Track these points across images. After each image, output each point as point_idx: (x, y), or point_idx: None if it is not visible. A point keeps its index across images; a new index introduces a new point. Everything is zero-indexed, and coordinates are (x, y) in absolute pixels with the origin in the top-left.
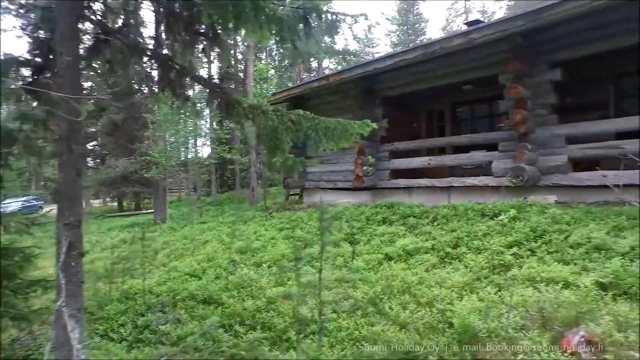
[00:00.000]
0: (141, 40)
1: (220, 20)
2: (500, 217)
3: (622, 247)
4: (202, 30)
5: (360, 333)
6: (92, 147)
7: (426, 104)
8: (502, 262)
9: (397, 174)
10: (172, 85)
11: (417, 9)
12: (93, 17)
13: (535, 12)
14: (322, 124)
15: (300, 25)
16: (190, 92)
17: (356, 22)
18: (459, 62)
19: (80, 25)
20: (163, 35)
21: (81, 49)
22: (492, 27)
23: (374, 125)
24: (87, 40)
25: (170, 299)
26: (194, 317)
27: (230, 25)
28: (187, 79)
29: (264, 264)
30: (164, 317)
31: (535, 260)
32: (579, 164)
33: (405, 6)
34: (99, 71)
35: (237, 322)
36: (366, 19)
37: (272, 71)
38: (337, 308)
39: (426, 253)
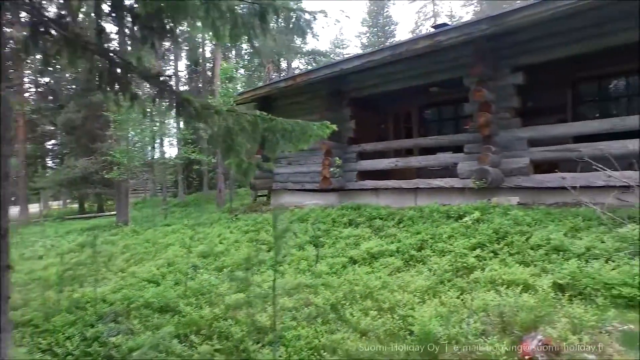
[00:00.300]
0: (82, 33)
1: (170, 14)
2: (464, 219)
3: (578, 248)
4: (153, 25)
5: (319, 342)
6: (50, 146)
7: (394, 106)
8: (465, 264)
9: (365, 175)
10: (119, 83)
11: (387, 11)
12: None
13: (498, 17)
14: (279, 126)
15: (257, 21)
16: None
17: (315, 18)
18: (425, 65)
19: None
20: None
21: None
22: (457, 30)
23: (334, 126)
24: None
25: (124, 307)
26: (148, 327)
27: (181, 19)
28: (134, 76)
29: (225, 269)
30: (116, 328)
31: (498, 262)
32: (539, 166)
33: (376, 8)
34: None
35: (193, 332)
36: (325, 16)
37: (242, 70)
38: (297, 315)
39: (391, 256)
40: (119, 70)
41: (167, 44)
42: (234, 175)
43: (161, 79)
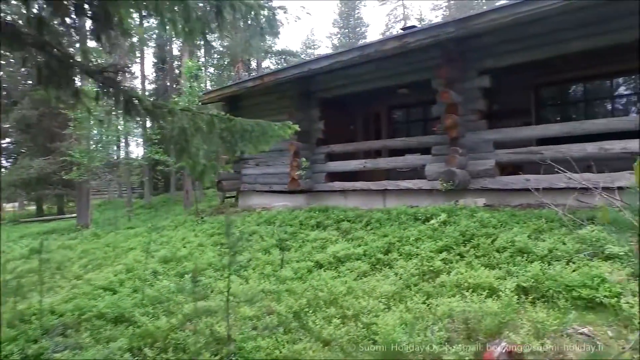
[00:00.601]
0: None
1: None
2: (431, 222)
3: (541, 250)
4: (92, 14)
5: (280, 352)
6: (6, 145)
7: (363, 107)
8: (431, 268)
9: (334, 176)
10: (59, 78)
11: (358, 13)
12: None
13: (464, 20)
14: (238, 126)
15: (212, 16)
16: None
17: (274, 14)
18: (394, 66)
19: None
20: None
21: None
22: (424, 32)
23: (296, 126)
24: None
25: (74, 319)
26: (99, 341)
27: (127, 8)
28: (75, 71)
29: (187, 275)
30: (63, 343)
31: (464, 265)
32: (505, 169)
33: (347, 9)
34: None
35: (147, 344)
36: (285, 12)
37: (212, 69)
38: (258, 324)
39: (358, 260)
40: (54, 64)
41: (133, 40)
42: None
43: (105, 74)
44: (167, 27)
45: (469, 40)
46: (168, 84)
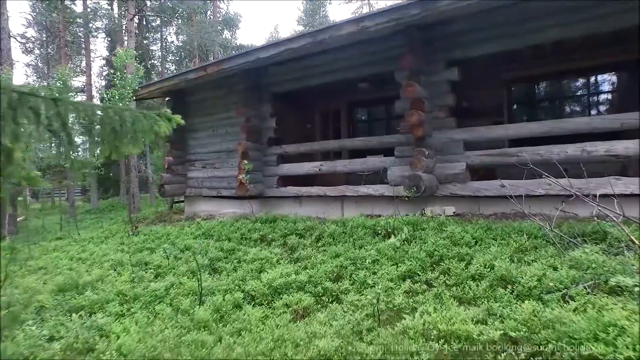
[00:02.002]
0: None
1: None
2: (392, 240)
3: (529, 280)
4: None
5: None
6: None
7: (321, 103)
8: (391, 305)
9: (288, 180)
10: None
11: (324, 10)
12: None
13: (430, 1)
14: (81, 111)
15: None
16: None
17: None
18: (353, 56)
19: None
20: None
21: None
22: (385, 14)
23: (179, 118)
24: None
25: None
26: None
27: None
28: None
29: (83, 311)
30: None
31: (432, 299)
32: (476, 172)
33: (312, 7)
34: None
35: None
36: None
37: (172, 66)
38: None
39: (300, 290)
40: None
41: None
42: (152, 178)
43: None
44: None
45: (436, 28)
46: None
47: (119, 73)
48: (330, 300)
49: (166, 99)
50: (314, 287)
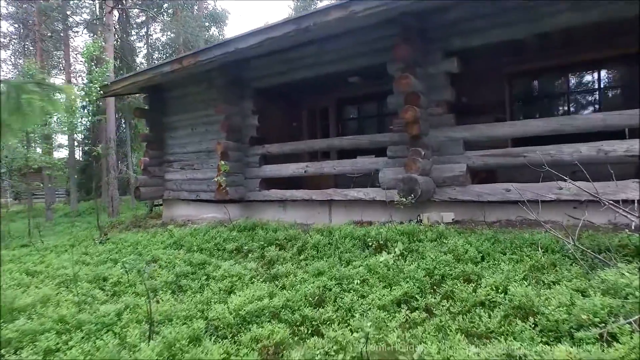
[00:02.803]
0: None
1: None
2: (384, 257)
3: (554, 310)
4: None
5: None
6: None
7: (308, 100)
8: (384, 343)
9: (271, 183)
10: None
11: (314, 8)
12: None
13: None
14: None
15: None
16: None
17: None
18: (342, 47)
19: None
20: None
21: None
22: None
23: (72, 89)
24: None
25: None
26: None
27: None
28: None
29: (9, 346)
30: None
31: (434, 332)
32: (477, 175)
33: (303, 4)
34: None
35: None
36: None
37: (155, 63)
38: None
39: (273, 318)
40: None
41: None
42: (133, 179)
43: None
44: None
45: (433, 15)
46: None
47: (86, 65)
48: (309, 332)
49: (144, 96)
50: (291, 313)
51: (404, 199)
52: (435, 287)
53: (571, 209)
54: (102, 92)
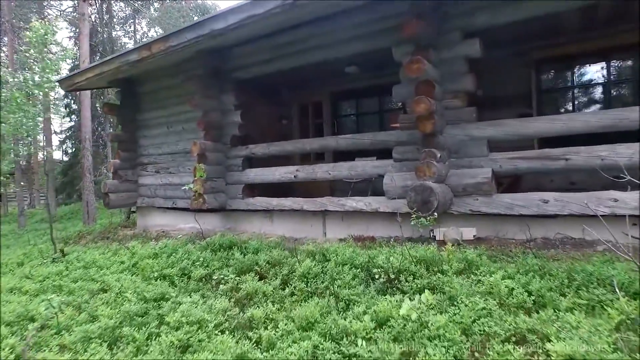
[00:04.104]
0: None
1: None
2: (404, 309)
3: None
4: None
5: None
6: None
7: (299, 93)
8: None
9: (258, 190)
10: None
11: None
12: None
13: None
14: None
15: None
16: None
17: None
18: (336, 29)
19: None
20: None
21: None
22: None
23: None
24: None
25: None
26: None
27: None
28: None
29: None
30: None
31: None
32: (501, 182)
33: None
34: None
35: None
36: None
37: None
38: None
39: None
40: None
41: None
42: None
43: None
44: None
45: None
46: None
47: (32, 51)
48: None
49: (116, 90)
50: None
51: (416, 214)
52: (477, 353)
53: (629, 226)
54: (61, 85)
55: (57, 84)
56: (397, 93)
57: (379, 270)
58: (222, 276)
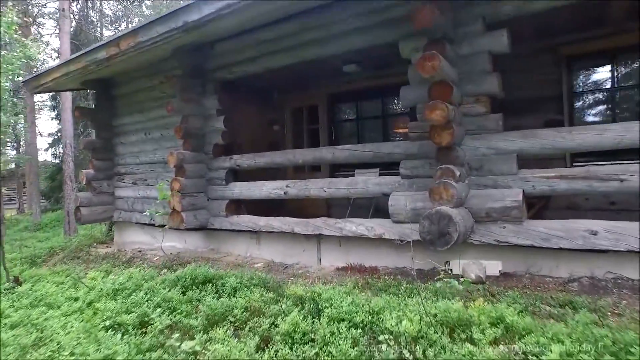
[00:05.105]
0: None
1: None
2: None
3: None
4: None
5: None
6: None
7: (293, 96)
8: None
9: (243, 205)
10: None
11: None
12: None
13: None
14: None
15: None
16: None
17: None
18: (332, 21)
19: None
20: None
21: None
22: None
23: None
24: None
25: None
26: None
27: None
28: None
29: None
30: None
31: None
32: (531, 206)
33: None
34: None
35: None
36: None
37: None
38: None
39: None
40: None
41: None
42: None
43: None
44: None
45: None
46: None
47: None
48: None
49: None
50: None
51: (432, 247)
52: None
53: None
54: (27, 87)
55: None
56: (406, 96)
57: (387, 336)
58: (188, 326)
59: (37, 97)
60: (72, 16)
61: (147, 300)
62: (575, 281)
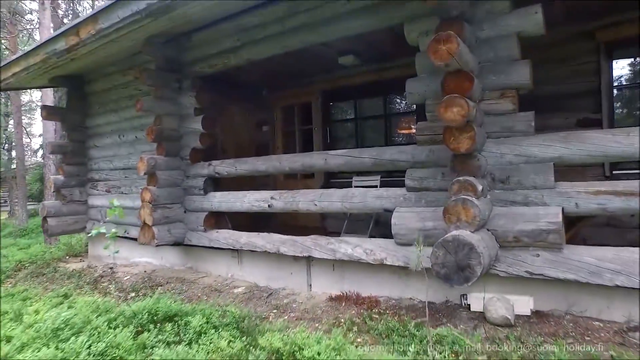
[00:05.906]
0: None
1: None
2: None
3: None
4: None
5: None
6: None
7: (283, 93)
8: None
9: (224, 218)
10: None
11: None
12: None
13: None
14: None
15: None
16: None
17: None
18: (324, 1)
19: None
20: None
21: None
22: None
23: None
24: None
25: None
26: None
27: None
28: None
29: None
30: None
31: None
32: (569, 224)
33: None
34: None
35: None
36: None
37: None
38: None
39: None
40: None
41: None
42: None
43: None
44: None
45: None
46: None
47: None
48: None
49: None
50: None
51: (449, 283)
52: None
53: None
54: None
55: None
56: (413, 90)
57: None
58: None
59: (34, 97)
60: (52, 9)
61: (87, 348)
62: (634, 327)
